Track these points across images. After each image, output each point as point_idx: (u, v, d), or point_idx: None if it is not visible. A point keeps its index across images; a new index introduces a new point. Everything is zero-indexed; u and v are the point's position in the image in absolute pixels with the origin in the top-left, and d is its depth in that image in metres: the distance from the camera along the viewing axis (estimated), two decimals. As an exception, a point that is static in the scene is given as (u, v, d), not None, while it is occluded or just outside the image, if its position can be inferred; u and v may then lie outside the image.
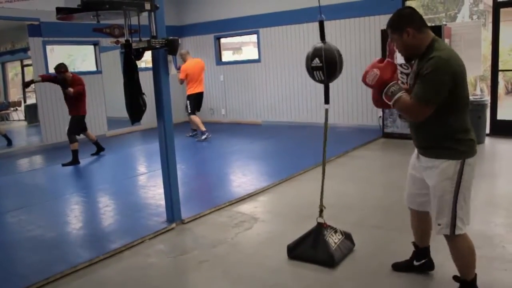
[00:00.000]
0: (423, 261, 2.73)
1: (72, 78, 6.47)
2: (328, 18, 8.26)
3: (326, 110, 3.01)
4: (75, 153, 6.56)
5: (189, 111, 8.00)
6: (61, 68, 6.37)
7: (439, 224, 2.32)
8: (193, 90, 7.92)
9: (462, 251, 2.35)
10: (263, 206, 4.34)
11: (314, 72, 2.85)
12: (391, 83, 2.30)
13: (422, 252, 2.72)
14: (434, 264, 2.75)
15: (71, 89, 6.37)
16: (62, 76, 6.41)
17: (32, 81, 6.96)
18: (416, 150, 2.49)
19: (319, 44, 2.86)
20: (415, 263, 2.74)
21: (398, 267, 2.81)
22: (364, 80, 2.38)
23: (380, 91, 2.34)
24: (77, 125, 6.66)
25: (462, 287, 2.39)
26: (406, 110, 2.29)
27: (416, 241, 2.73)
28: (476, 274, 2.39)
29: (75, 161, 6.56)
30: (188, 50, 8.41)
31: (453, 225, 2.27)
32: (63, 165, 6.51)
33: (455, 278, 2.43)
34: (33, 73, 8.26)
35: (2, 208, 4.71)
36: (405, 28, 2.26)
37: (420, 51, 2.28)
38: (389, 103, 2.31)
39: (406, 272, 2.77)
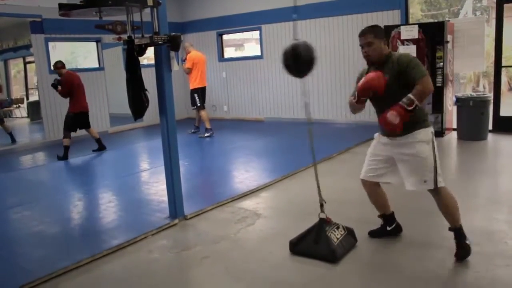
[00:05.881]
0: (394, 225, 3.24)
1: (63, 77, 6.62)
2: (329, 15, 8.42)
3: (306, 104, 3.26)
4: (65, 149, 6.66)
5: (198, 105, 7.88)
6: (58, 64, 6.63)
7: (425, 181, 2.80)
8: (198, 83, 7.84)
9: (446, 200, 2.84)
10: (266, 202, 4.35)
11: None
12: (401, 100, 2.65)
13: (391, 217, 3.25)
14: (401, 227, 3.27)
15: (59, 88, 6.65)
16: (57, 72, 6.64)
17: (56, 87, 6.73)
18: (379, 138, 3.11)
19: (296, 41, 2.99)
20: (388, 228, 3.24)
21: (374, 233, 3.27)
22: (369, 85, 2.78)
23: (382, 91, 2.77)
24: (69, 122, 6.74)
25: (455, 233, 2.87)
26: (424, 92, 2.67)
27: (380, 212, 3.24)
28: (461, 224, 2.87)
29: (64, 157, 6.64)
30: (191, 43, 8.32)
31: (435, 180, 2.79)
32: (58, 158, 6.65)
33: (449, 229, 2.89)
34: (36, 70, 8.28)
35: (5, 204, 4.74)
36: (383, 38, 2.87)
37: (382, 58, 2.85)
38: (413, 106, 2.64)
39: (380, 237, 3.23)
